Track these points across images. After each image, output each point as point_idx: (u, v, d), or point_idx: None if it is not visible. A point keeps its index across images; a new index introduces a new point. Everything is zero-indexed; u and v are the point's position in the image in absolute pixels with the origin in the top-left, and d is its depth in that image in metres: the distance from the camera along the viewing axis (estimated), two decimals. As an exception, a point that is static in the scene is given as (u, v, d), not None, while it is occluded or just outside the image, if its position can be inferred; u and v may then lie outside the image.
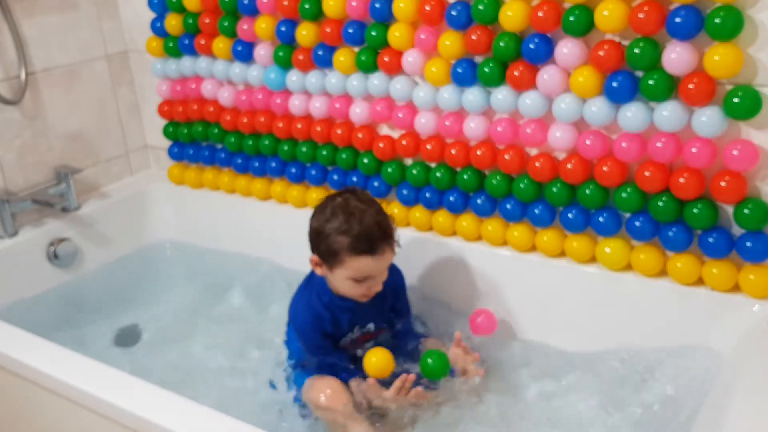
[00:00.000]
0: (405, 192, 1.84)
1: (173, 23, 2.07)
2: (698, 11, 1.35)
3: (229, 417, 1.21)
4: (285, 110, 1.98)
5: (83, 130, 2.19)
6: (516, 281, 1.71)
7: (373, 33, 1.73)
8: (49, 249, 2.03)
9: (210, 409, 1.23)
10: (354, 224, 1.44)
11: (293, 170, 2.02)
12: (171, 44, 2.11)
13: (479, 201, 1.73)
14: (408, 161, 1.85)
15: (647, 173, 1.47)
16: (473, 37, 1.59)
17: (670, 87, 1.41)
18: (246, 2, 1.90)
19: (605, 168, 1.52)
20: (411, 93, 1.74)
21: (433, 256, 1.81)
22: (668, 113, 1.41)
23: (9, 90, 1.98)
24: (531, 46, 1.52)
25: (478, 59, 1.64)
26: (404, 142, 1.79)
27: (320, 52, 1.84)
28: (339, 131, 1.89)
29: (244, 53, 1.98)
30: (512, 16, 1.52)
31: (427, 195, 1.80)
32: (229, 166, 2.17)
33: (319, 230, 1.48)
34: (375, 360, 1.47)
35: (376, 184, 1.88)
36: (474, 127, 1.66)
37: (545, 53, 1.52)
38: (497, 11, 1.54)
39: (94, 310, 2.04)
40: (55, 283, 2.05)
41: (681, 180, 1.44)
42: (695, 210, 1.45)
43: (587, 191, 1.56)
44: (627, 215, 1.56)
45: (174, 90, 2.17)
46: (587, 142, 1.53)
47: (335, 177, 1.95)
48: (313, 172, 1.99)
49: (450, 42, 1.62)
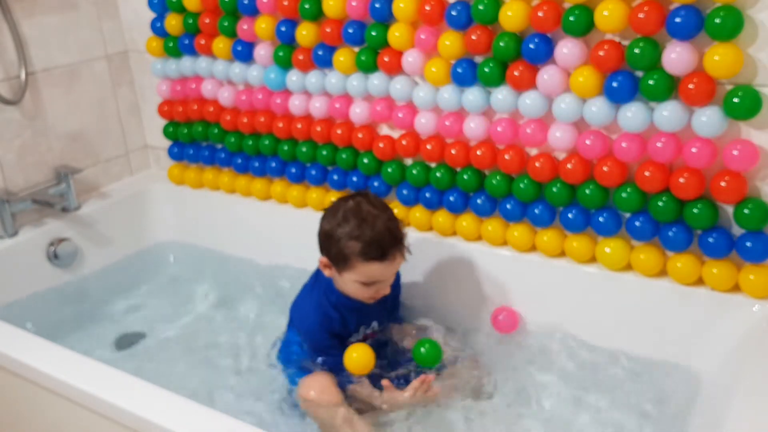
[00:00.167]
0: (405, 192, 1.84)
1: (173, 23, 2.07)
2: (698, 11, 1.34)
3: (229, 417, 1.21)
4: (285, 110, 1.98)
5: (83, 130, 2.19)
6: (516, 281, 1.71)
7: (373, 33, 1.73)
8: (49, 249, 2.03)
9: (210, 409, 1.23)
10: (366, 230, 1.43)
11: (293, 170, 2.02)
12: (171, 44, 2.11)
13: (479, 201, 1.73)
14: (408, 161, 1.85)
15: (647, 173, 1.47)
16: (473, 37, 1.59)
17: (670, 87, 1.41)
18: (246, 2, 1.90)
19: (605, 168, 1.52)
20: (411, 93, 1.74)
21: (433, 257, 1.81)
22: (668, 113, 1.41)
23: (9, 90, 1.98)
24: (531, 46, 1.52)
25: (478, 59, 1.64)
26: (404, 142, 1.79)
27: (320, 52, 1.84)
28: (339, 131, 1.89)
29: (244, 53, 1.98)
30: (512, 16, 1.52)
31: (427, 195, 1.80)
32: (229, 166, 2.17)
33: (330, 233, 1.47)
34: (356, 356, 1.47)
35: (376, 184, 1.88)
36: (474, 127, 1.66)
37: (545, 53, 1.52)
38: (497, 11, 1.54)
39: (94, 310, 2.04)
40: (55, 283, 2.04)
41: (681, 180, 1.44)
42: (695, 210, 1.45)
43: (587, 191, 1.56)
44: (627, 215, 1.56)
45: (174, 90, 2.17)
46: (587, 142, 1.53)
47: (335, 177, 1.95)
48: (313, 172, 1.99)
49: (450, 42, 1.62)
